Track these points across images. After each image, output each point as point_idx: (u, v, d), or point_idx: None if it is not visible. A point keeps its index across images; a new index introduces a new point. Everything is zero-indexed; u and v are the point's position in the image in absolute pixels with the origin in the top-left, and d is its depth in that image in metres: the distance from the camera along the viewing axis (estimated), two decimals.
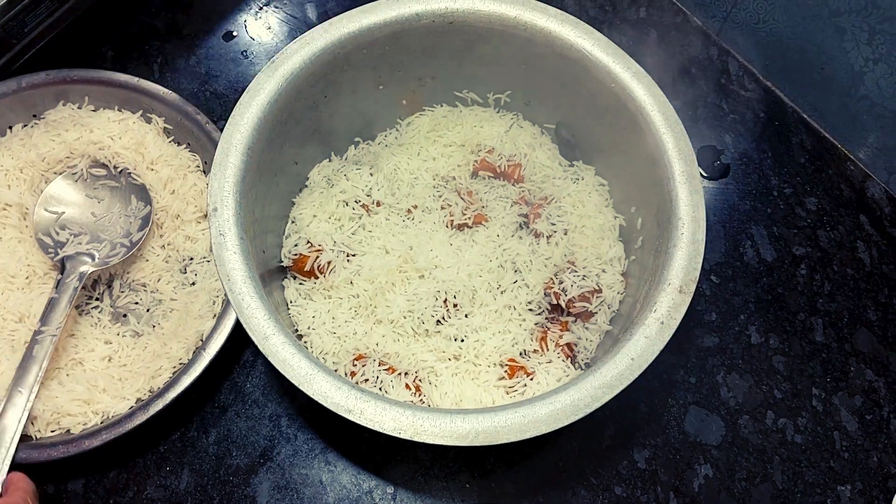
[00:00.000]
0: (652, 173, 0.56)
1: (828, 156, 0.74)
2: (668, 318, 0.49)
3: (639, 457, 0.61)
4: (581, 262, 0.62)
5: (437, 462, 0.60)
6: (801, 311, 0.67)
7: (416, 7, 0.59)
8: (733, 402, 0.63)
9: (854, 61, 0.68)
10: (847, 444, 0.62)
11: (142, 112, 0.67)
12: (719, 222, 0.70)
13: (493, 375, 0.58)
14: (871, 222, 0.71)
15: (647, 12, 0.80)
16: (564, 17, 0.59)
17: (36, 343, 0.56)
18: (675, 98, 0.75)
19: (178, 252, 0.64)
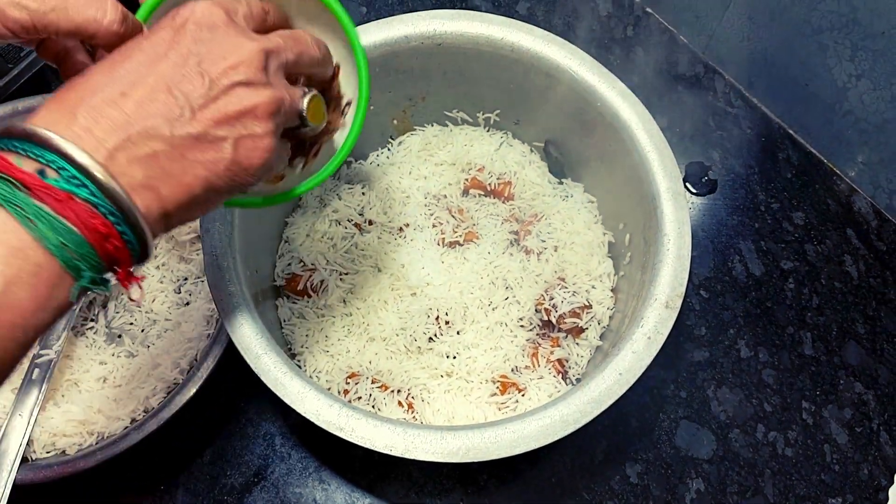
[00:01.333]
0: (638, 190, 0.57)
1: (814, 171, 0.75)
2: (656, 333, 0.50)
3: (631, 471, 0.61)
4: (571, 279, 0.62)
5: (430, 479, 0.61)
6: (789, 324, 0.68)
7: (405, 29, 0.60)
8: (724, 416, 0.64)
9: (838, 77, 0.69)
10: (837, 457, 0.63)
11: None
12: (707, 237, 0.71)
13: (486, 392, 0.59)
14: (857, 236, 0.72)
15: (633, 31, 0.81)
16: (551, 37, 0.60)
17: (35, 367, 0.57)
18: (662, 115, 0.76)
19: (173, 273, 0.65)
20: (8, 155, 0.31)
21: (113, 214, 0.31)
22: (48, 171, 0.30)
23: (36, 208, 0.30)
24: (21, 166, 0.30)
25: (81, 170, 0.31)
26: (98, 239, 0.31)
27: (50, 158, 0.30)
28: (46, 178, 0.30)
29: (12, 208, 0.29)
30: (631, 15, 0.82)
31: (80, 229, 0.31)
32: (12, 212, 0.30)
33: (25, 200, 0.30)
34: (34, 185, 0.30)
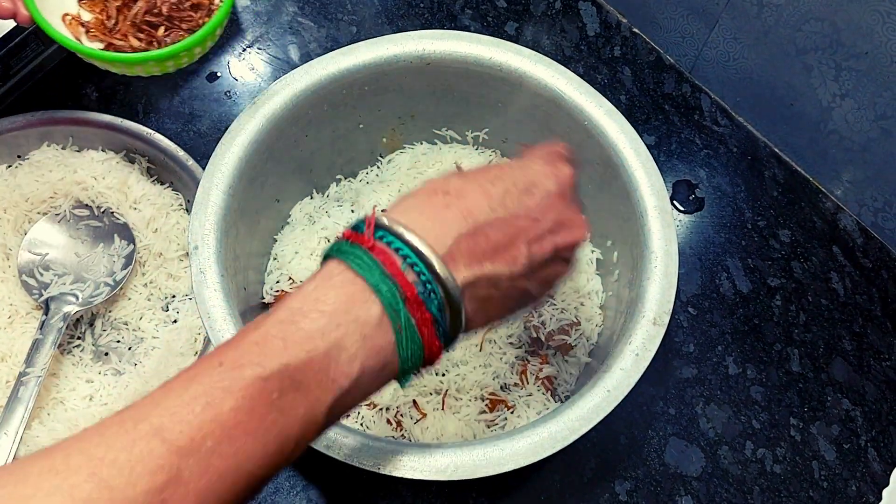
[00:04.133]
0: (626, 208, 0.57)
1: (800, 189, 0.76)
2: (644, 350, 0.50)
3: (620, 489, 0.61)
4: (559, 296, 0.63)
5: (418, 498, 0.60)
6: (777, 341, 0.68)
7: (394, 49, 0.60)
8: (712, 433, 0.64)
9: (822, 97, 0.70)
10: (826, 474, 0.63)
11: (125, 152, 0.68)
12: (695, 255, 0.72)
13: (475, 409, 0.58)
14: (843, 253, 0.72)
15: (621, 51, 0.82)
16: (538, 57, 0.60)
17: (21, 385, 0.56)
18: (649, 134, 0.77)
19: (161, 290, 0.65)
20: (394, 256, 0.34)
21: (445, 336, 0.36)
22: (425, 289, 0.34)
23: (407, 320, 0.34)
24: (405, 273, 0.34)
25: (448, 297, 0.34)
26: (430, 354, 0.35)
27: (428, 279, 0.34)
28: (420, 294, 0.34)
29: (391, 313, 0.33)
30: (618, 35, 0.83)
31: (425, 348, 0.35)
32: (391, 318, 0.33)
33: (403, 310, 0.33)
34: (412, 299, 0.33)
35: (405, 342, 0.34)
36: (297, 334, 0.32)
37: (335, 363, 0.32)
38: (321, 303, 0.33)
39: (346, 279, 0.34)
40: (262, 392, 0.30)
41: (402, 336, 0.34)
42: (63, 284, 0.62)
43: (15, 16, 0.52)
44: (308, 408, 0.32)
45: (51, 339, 0.59)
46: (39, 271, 0.62)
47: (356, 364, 0.33)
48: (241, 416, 0.30)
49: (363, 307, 0.33)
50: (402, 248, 0.34)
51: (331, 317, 0.33)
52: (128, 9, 0.54)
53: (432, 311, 0.34)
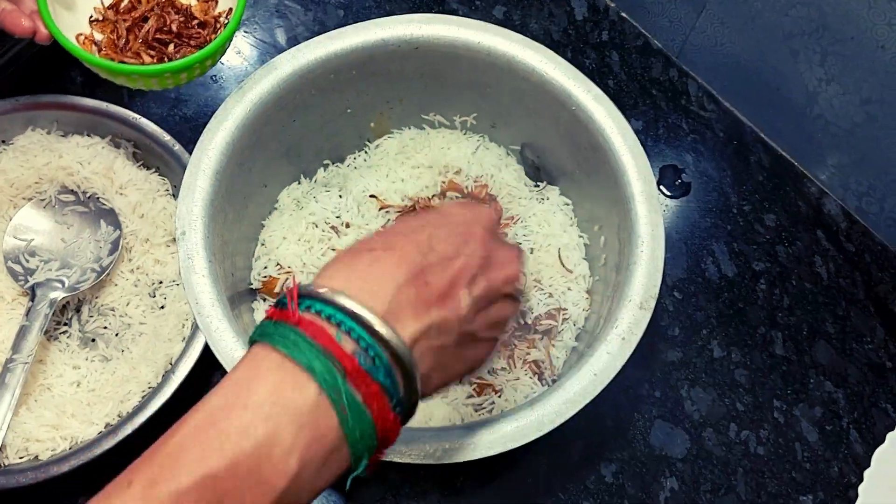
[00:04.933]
0: (613, 193, 0.58)
1: (785, 173, 0.76)
2: (630, 334, 0.51)
3: (606, 471, 0.62)
4: (547, 281, 0.63)
5: (407, 482, 0.61)
6: (761, 324, 0.69)
7: (382, 33, 0.60)
8: (697, 416, 0.64)
9: (808, 82, 0.70)
10: (808, 455, 0.64)
11: (111, 137, 0.67)
12: (681, 239, 0.72)
13: (462, 393, 0.59)
14: (827, 238, 0.73)
15: (608, 36, 0.82)
16: (526, 42, 0.60)
17: (8, 371, 0.56)
18: (637, 119, 0.77)
19: (148, 276, 0.65)
20: (326, 326, 0.30)
21: (401, 406, 0.32)
22: (366, 356, 0.30)
23: (350, 396, 0.29)
24: (341, 344, 0.30)
25: (396, 359, 0.31)
26: (384, 431, 0.31)
27: (370, 343, 0.30)
28: (362, 364, 0.30)
29: (330, 392, 0.29)
30: (606, 20, 0.83)
31: (376, 423, 0.30)
32: (330, 398, 0.29)
33: (344, 387, 0.29)
34: (353, 371, 0.30)
35: (351, 423, 0.29)
36: (216, 439, 0.28)
37: (267, 463, 0.28)
38: (245, 396, 0.29)
39: (274, 363, 0.30)
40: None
41: (347, 416, 0.29)
42: (49, 270, 0.61)
43: (35, 34, 0.52)
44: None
45: (37, 325, 0.59)
46: (25, 257, 0.62)
47: (292, 459, 0.29)
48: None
49: (295, 392, 0.29)
50: (333, 315, 0.30)
51: (256, 410, 0.29)
52: (138, 28, 0.56)
53: (379, 380, 0.30)
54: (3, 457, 0.55)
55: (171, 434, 0.29)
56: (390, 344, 0.31)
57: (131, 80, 0.54)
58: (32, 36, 0.53)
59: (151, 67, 0.53)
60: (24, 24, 0.52)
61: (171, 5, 0.58)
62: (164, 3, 0.58)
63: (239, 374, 0.30)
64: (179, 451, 0.29)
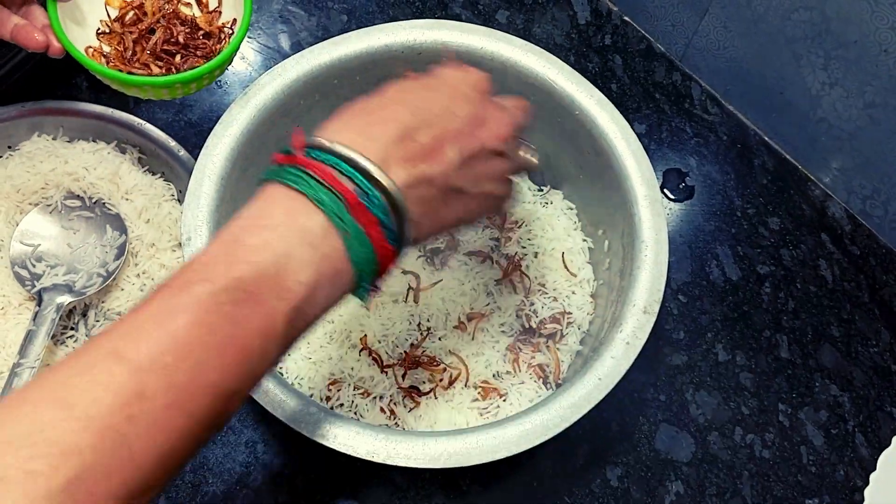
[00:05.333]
0: (616, 197, 0.58)
1: (789, 177, 0.76)
2: (634, 338, 0.51)
3: (611, 475, 0.62)
4: (551, 285, 0.63)
5: (412, 485, 0.61)
6: (766, 328, 0.69)
7: (386, 39, 0.61)
8: (702, 419, 0.64)
9: (811, 85, 0.71)
10: (814, 459, 0.64)
11: (116, 142, 0.68)
12: (685, 243, 0.72)
13: (467, 398, 0.59)
14: (832, 241, 0.73)
15: (611, 40, 0.82)
16: (529, 47, 0.60)
17: (15, 376, 0.56)
18: (640, 122, 0.77)
19: (153, 280, 0.65)
20: (330, 169, 0.35)
21: (396, 241, 0.37)
22: (365, 194, 0.35)
23: (353, 224, 0.34)
24: (344, 183, 0.35)
25: (389, 199, 0.36)
26: (382, 258, 0.36)
27: (366, 186, 0.35)
28: (363, 200, 0.35)
29: (335, 219, 0.34)
30: (609, 24, 0.83)
31: (376, 250, 0.36)
32: (336, 224, 0.34)
33: (346, 215, 0.34)
34: (354, 205, 0.35)
35: (355, 246, 0.35)
36: (242, 250, 0.33)
37: (286, 272, 0.33)
38: (264, 219, 0.34)
39: (286, 195, 0.35)
40: (213, 306, 0.31)
41: (351, 241, 0.34)
42: (55, 275, 0.62)
43: (48, 48, 0.53)
44: (264, 317, 0.32)
45: (44, 329, 0.59)
46: (32, 262, 0.62)
47: (310, 271, 0.33)
48: (195, 331, 0.30)
49: (306, 218, 0.34)
50: (335, 162, 0.35)
51: (275, 230, 0.34)
52: (145, 41, 0.58)
53: (376, 214, 0.35)
54: None
55: (203, 251, 0.34)
56: (383, 185, 0.35)
57: (143, 91, 0.55)
58: (45, 50, 0.53)
59: (163, 79, 0.54)
60: (38, 39, 0.53)
61: (176, 17, 0.59)
62: (169, 14, 0.59)
63: (257, 204, 0.35)
64: (211, 260, 0.33)
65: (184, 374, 0.30)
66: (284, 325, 0.33)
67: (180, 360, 0.30)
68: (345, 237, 0.34)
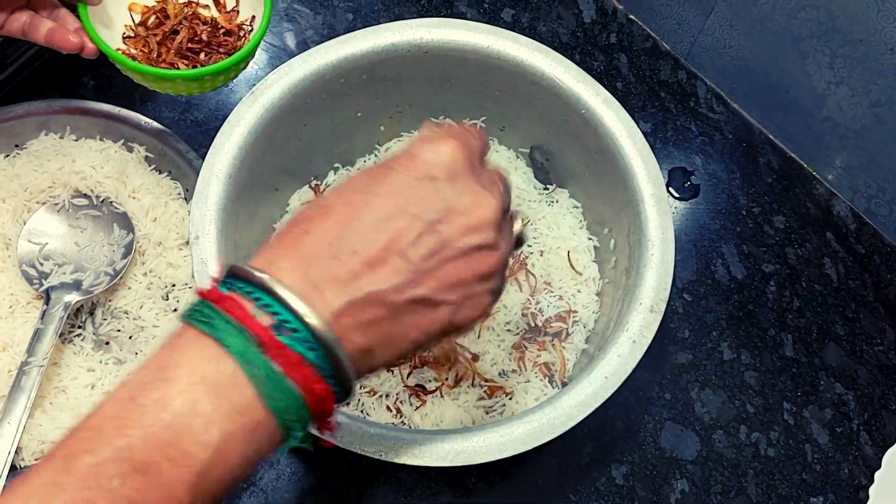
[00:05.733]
0: (623, 196, 0.58)
1: (794, 175, 0.76)
2: (640, 337, 0.51)
3: (616, 473, 0.62)
4: (557, 283, 0.63)
5: (419, 483, 0.61)
6: (771, 326, 0.69)
7: (393, 37, 0.61)
8: (707, 418, 0.65)
9: (817, 84, 0.71)
10: (819, 457, 0.64)
11: (123, 141, 0.68)
12: (690, 241, 0.72)
13: (473, 396, 0.59)
14: (837, 239, 0.73)
15: (617, 38, 0.82)
16: (535, 45, 0.60)
17: (23, 374, 0.57)
18: (645, 121, 0.77)
19: (161, 279, 0.65)
20: (245, 303, 0.31)
21: (333, 378, 0.31)
22: (283, 329, 0.30)
23: (267, 368, 0.30)
24: (257, 318, 0.30)
25: (314, 334, 0.30)
26: (316, 402, 0.31)
27: (286, 317, 0.30)
28: (280, 336, 0.30)
29: (245, 364, 0.29)
30: (614, 22, 0.83)
31: (303, 394, 0.30)
32: (245, 369, 0.29)
33: (259, 358, 0.30)
34: (269, 343, 0.30)
35: (273, 393, 0.30)
36: (135, 411, 0.29)
37: (187, 434, 0.29)
38: (164, 371, 0.30)
39: (191, 339, 0.30)
40: (98, 482, 0.27)
41: (267, 387, 0.30)
42: (63, 274, 0.62)
43: (83, 49, 0.54)
44: (163, 491, 0.28)
45: (52, 328, 0.59)
46: (39, 261, 0.62)
47: (213, 430, 0.29)
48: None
49: (212, 365, 0.30)
50: (252, 292, 0.31)
51: (174, 384, 0.29)
52: (169, 42, 0.59)
53: (299, 351, 0.30)
54: (20, 459, 0.56)
55: (95, 410, 0.30)
56: (304, 319, 0.30)
57: (174, 86, 0.57)
58: (80, 51, 0.55)
59: (194, 71, 0.56)
60: (73, 40, 0.54)
61: (196, 18, 0.60)
62: (190, 16, 0.60)
63: (161, 353, 0.31)
64: (100, 425, 0.29)
65: None
66: (188, 495, 0.29)
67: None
68: (258, 384, 0.29)
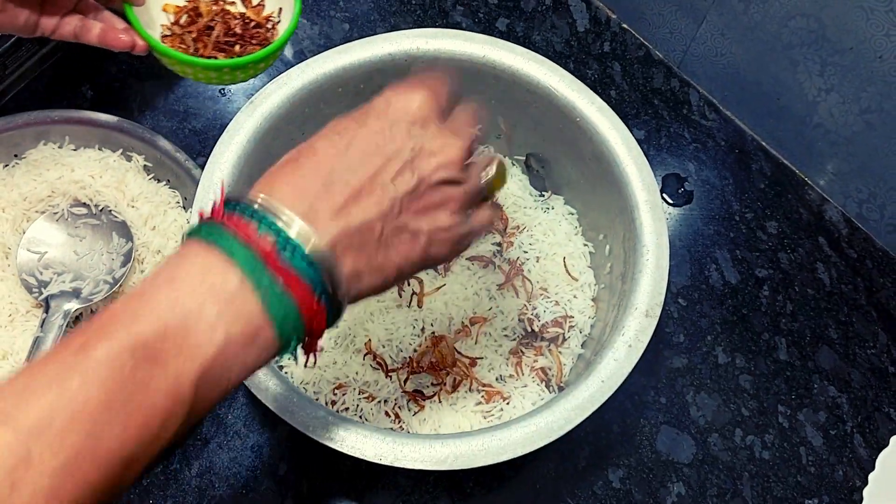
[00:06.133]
0: (617, 202, 0.59)
1: (786, 181, 0.77)
2: (636, 341, 0.51)
3: (613, 477, 0.63)
4: (553, 289, 0.64)
5: (417, 488, 0.61)
6: (765, 331, 0.69)
7: (390, 47, 0.61)
8: (703, 421, 0.65)
9: (808, 91, 0.72)
10: (813, 459, 0.65)
11: (122, 150, 0.69)
12: (685, 247, 0.73)
13: (471, 401, 0.60)
14: (829, 244, 0.74)
15: (610, 47, 0.83)
16: (531, 55, 0.61)
17: None
18: (639, 128, 0.78)
19: None
20: (249, 223, 0.33)
21: (326, 296, 0.34)
22: (285, 248, 0.33)
23: (270, 281, 0.32)
24: (261, 237, 0.33)
25: (313, 255, 0.33)
26: (310, 317, 0.34)
27: (288, 237, 0.33)
28: (283, 255, 0.33)
29: (251, 278, 0.32)
30: (608, 31, 0.84)
31: (300, 308, 0.33)
32: (250, 281, 0.32)
33: (263, 272, 0.32)
34: (272, 261, 0.32)
35: (274, 304, 0.32)
36: (147, 306, 0.31)
37: (194, 331, 0.31)
38: (174, 277, 0.32)
39: (201, 251, 0.33)
40: (111, 366, 0.29)
41: (269, 298, 0.32)
42: (63, 282, 0.62)
43: (133, 47, 0.57)
44: (169, 380, 0.30)
45: (51, 336, 0.59)
46: (39, 270, 0.63)
47: (218, 331, 0.31)
48: (91, 392, 0.29)
49: (220, 275, 0.32)
50: (255, 215, 0.33)
51: (183, 288, 0.32)
52: (205, 37, 0.60)
53: (300, 269, 0.33)
54: None
55: (107, 307, 0.32)
56: (306, 238, 0.33)
57: (220, 75, 0.57)
58: (131, 49, 0.57)
59: (242, 59, 0.57)
60: (124, 39, 0.57)
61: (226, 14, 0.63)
62: (220, 12, 0.62)
63: (170, 261, 0.33)
64: (112, 318, 0.31)
65: (76, 440, 0.28)
66: (192, 388, 0.31)
67: (74, 423, 0.28)
68: (261, 294, 0.32)
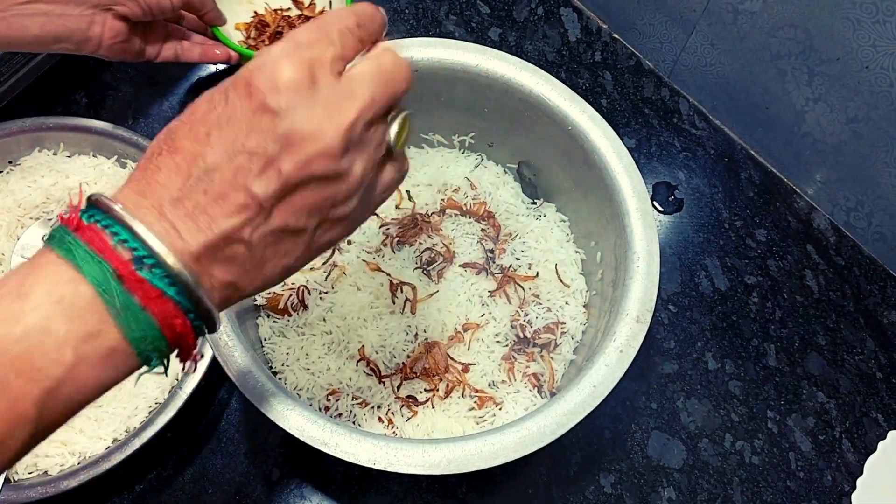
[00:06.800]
0: (608, 210, 0.59)
1: (775, 189, 0.78)
2: (627, 347, 0.52)
3: (605, 482, 0.63)
4: (545, 295, 0.64)
5: (410, 493, 0.62)
6: (754, 337, 0.70)
7: None
8: (693, 427, 0.66)
9: (796, 101, 0.73)
10: (802, 464, 0.65)
11: (116, 157, 0.69)
12: (675, 254, 0.74)
13: (464, 407, 0.60)
14: (817, 251, 0.75)
15: (601, 56, 0.84)
16: (523, 64, 0.62)
17: None
18: (630, 137, 0.79)
19: None
20: (103, 233, 0.30)
21: (192, 313, 0.32)
22: (143, 264, 0.30)
23: (126, 299, 0.30)
24: (116, 251, 0.30)
25: (173, 272, 0.31)
26: (174, 335, 0.32)
27: (144, 253, 0.30)
28: (140, 270, 0.30)
29: (104, 294, 0.30)
30: (599, 41, 0.85)
31: (161, 327, 0.31)
32: (103, 298, 0.30)
33: (118, 289, 0.30)
34: (128, 277, 0.30)
35: (130, 322, 0.30)
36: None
37: (39, 350, 0.29)
38: (21, 287, 0.30)
39: (51, 261, 0.30)
40: None
41: (125, 316, 0.30)
42: None
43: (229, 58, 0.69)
44: (8, 402, 0.29)
45: None
46: None
47: (67, 350, 0.29)
48: None
49: (69, 289, 0.30)
50: (111, 225, 0.31)
51: (28, 301, 0.29)
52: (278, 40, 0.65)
53: (158, 285, 0.30)
54: (13, 472, 0.56)
55: None
56: (162, 258, 0.31)
57: None
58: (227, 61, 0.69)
59: None
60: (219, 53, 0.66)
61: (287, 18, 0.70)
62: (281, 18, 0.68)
63: (20, 271, 0.31)
64: None
65: None
66: (35, 410, 0.29)
67: None
68: (115, 312, 0.30)
